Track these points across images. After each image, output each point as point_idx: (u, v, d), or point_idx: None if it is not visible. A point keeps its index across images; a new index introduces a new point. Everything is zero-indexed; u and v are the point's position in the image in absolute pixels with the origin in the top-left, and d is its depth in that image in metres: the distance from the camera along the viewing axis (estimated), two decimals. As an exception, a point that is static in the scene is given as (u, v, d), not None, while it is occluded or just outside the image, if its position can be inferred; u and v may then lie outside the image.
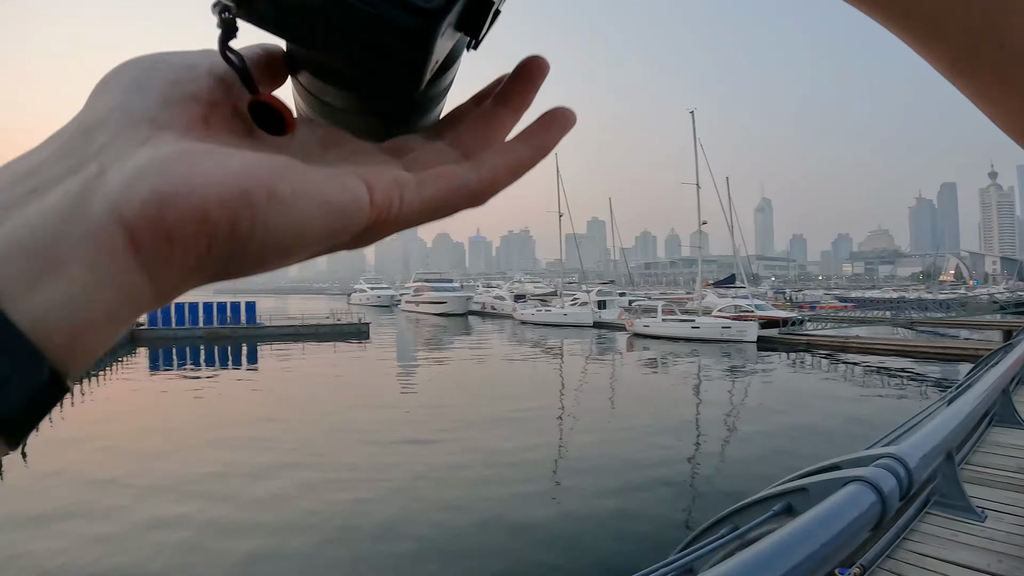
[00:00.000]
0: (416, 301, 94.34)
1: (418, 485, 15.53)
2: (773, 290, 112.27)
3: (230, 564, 11.20)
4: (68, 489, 15.30)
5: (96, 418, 24.07)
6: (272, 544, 12.10)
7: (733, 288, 68.81)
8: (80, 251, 0.28)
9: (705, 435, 20.78)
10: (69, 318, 0.28)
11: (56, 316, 0.28)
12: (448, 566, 11.08)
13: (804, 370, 36.40)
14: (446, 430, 20.96)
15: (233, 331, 52.62)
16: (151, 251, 0.29)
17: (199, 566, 11.22)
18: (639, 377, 34.81)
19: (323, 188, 0.33)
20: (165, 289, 0.31)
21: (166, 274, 0.30)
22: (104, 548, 11.88)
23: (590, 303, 70.22)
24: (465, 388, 29.89)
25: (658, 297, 78.77)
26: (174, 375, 36.41)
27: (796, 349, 44.25)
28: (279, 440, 20.18)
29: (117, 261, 0.29)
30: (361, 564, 11.23)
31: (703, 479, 16.04)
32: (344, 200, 0.33)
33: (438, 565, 11.11)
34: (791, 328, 49.45)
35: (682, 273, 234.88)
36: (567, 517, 13.30)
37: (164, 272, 0.30)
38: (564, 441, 20.22)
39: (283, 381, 33.37)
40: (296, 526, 12.87)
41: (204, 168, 0.30)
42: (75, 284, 0.28)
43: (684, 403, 26.19)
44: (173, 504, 14.27)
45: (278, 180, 0.31)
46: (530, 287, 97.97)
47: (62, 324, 0.28)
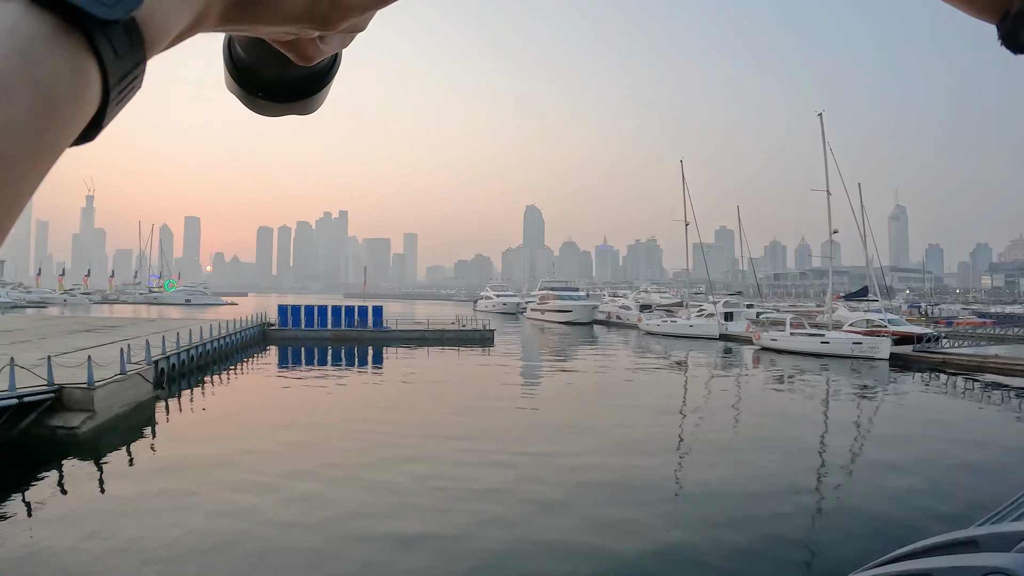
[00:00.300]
0: (541, 309, 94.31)
1: (521, 505, 14.65)
2: (907, 304, 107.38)
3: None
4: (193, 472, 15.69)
5: (230, 408, 25.25)
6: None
7: (865, 301, 65.87)
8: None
9: (829, 466, 19.18)
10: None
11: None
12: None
13: (938, 391, 34.31)
14: (560, 443, 20.33)
15: (360, 334, 53.57)
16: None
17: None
18: (764, 395, 32.92)
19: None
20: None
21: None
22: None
23: (716, 315, 69.11)
24: (585, 400, 28.79)
25: (787, 310, 77.06)
26: (302, 372, 37.42)
27: (930, 368, 42.05)
28: (394, 436, 20.38)
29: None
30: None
31: (824, 519, 14.71)
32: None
33: None
34: (926, 345, 47.03)
35: (812, 285, 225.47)
36: (678, 548, 12.64)
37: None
38: (682, 463, 19.04)
39: (406, 383, 33.30)
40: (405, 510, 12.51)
41: None
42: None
43: (810, 427, 24.22)
44: (299, 482, 15.71)
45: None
46: (656, 297, 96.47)
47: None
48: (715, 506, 14.75)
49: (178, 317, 70.46)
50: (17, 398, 19.34)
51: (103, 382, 22.33)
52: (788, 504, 15.14)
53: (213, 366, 36.87)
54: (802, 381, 36.66)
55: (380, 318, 56.49)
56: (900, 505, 15.20)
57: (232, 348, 43.08)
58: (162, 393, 27.16)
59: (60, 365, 22.52)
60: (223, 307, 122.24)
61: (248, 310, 66.54)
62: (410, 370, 38.56)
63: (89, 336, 39.51)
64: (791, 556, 12.67)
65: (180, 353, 32.94)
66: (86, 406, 21.22)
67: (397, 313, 76.03)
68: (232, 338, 43.63)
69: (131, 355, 26.69)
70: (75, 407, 21.13)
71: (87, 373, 21.78)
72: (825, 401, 30.29)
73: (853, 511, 14.97)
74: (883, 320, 51.00)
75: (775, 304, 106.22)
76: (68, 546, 12.49)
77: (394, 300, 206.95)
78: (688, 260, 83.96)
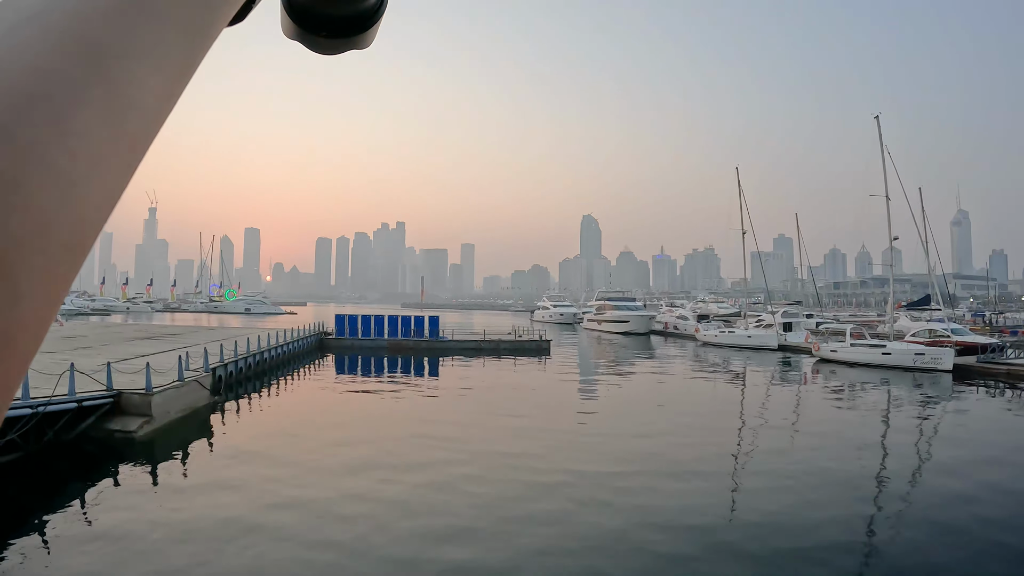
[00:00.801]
0: (598, 319, 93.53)
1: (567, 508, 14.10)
2: (971, 312, 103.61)
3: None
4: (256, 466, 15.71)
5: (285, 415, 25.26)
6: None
7: (928, 310, 63.97)
8: None
9: (889, 494, 17.77)
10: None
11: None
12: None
13: (1005, 406, 32.93)
14: (615, 463, 19.53)
15: (416, 343, 53.64)
16: None
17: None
18: (823, 411, 31.58)
19: None
20: None
21: None
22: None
23: (775, 325, 67.53)
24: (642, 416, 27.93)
25: (847, 319, 75.87)
26: (358, 381, 37.65)
27: (995, 380, 40.48)
28: (449, 452, 19.94)
29: None
30: None
31: (881, 557, 13.46)
32: None
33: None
34: (990, 356, 45.20)
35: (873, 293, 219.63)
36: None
37: None
38: (735, 489, 17.83)
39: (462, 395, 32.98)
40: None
41: None
42: None
43: (870, 449, 22.52)
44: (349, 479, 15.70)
45: None
46: (714, 307, 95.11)
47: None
48: (767, 538, 13.87)
49: (238, 326, 71.61)
50: (76, 402, 19.69)
51: (161, 388, 22.58)
52: (843, 538, 14.18)
53: (270, 374, 37.20)
54: (862, 397, 35.23)
55: (436, 328, 56.50)
56: (966, 539, 14.16)
57: (289, 356, 43.48)
58: (219, 399, 27.36)
59: (120, 371, 22.89)
60: (282, 316, 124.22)
61: (306, 319, 67.27)
62: (466, 380, 38.29)
63: (150, 343, 40.27)
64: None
65: (238, 361, 33.32)
66: (144, 411, 21.50)
67: (454, 323, 76.13)
68: (289, 346, 44.08)
69: (189, 362, 27.04)
70: (133, 411, 21.44)
71: (145, 379, 22.11)
72: (887, 419, 28.86)
73: (914, 546, 14.00)
74: (946, 330, 49.48)
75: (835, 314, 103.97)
76: (118, 545, 12.58)
77: (451, 310, 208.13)
78: (746, 269, 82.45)
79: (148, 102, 0.37)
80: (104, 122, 0.34)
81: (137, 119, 0.37)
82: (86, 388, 20.84)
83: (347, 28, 0.67)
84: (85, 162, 0.33)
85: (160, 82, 0.39)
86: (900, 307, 68.61)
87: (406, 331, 55.50)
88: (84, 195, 0.33)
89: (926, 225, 63.63)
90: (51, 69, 0.32)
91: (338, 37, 0.67)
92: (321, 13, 0.65)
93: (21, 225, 0.29)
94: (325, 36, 0.66)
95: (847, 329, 54.07)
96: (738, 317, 77.09)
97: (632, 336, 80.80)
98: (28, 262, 0.30)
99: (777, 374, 45.62)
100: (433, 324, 56.51)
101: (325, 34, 0.66)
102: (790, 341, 63.32)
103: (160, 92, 0.39)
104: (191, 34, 0.42)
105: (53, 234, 0.31)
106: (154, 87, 0.38)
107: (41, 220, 0.30)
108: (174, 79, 0.41)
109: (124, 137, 0.36)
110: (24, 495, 15.17)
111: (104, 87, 0.34)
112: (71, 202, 0.32)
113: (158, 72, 0.39)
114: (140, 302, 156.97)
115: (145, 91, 0.37)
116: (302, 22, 0.65)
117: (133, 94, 0.36)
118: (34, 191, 0.30)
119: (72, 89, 0.33)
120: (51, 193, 0.31)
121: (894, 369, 44.70)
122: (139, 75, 0.37)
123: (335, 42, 0.68)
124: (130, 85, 0.36)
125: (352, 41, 0.68)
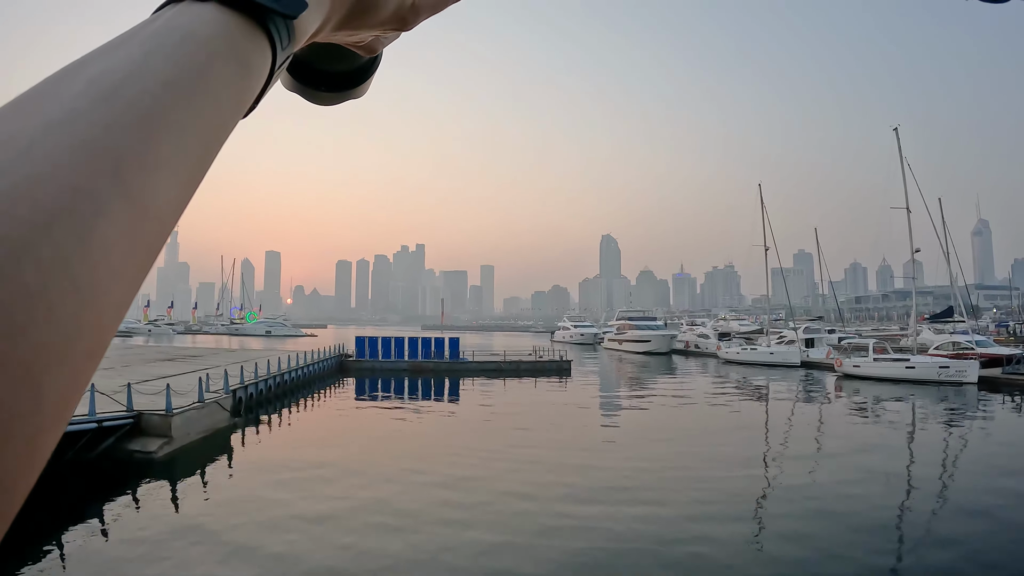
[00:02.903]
0: (619, 339, 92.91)
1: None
2: (995, 323, 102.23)
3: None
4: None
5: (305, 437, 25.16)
6: None
7: (951, 322, 62.72)
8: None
9: (917, 517, 16.90)
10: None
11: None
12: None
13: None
14: (641, 492, 18.74)
15: (436, 365, 53.39)
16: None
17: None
18: (847, 427, 30.86)
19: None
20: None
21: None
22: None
23: (797, 341, 66.98)
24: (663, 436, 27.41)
25: (869, 334, 75.02)
26: (378, 403, 37.52)
27: (1021, 391, 40.11)
28: (472, 474, 19.61)
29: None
30: None
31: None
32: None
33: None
34: (1015, 367, 44.76)
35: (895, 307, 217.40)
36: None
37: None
38: (761, 512, 17.01)
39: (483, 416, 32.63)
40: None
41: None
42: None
43: (895, 477, 21.36)
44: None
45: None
46: (735, 324, 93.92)
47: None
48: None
49: (258, 348, 71.83)
50: (96, 422, 19.66)
51: (181, 409, 22.54)
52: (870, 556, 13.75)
53: (290, 395, 37.08)
54: (887, 411, 34.64)
55: (456, 349, 56.15)
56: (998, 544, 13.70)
57: (310, 378, 43.39)
58: (239, 421, 27.28)
59: (140, 392, 22.93)
60: (302, 338, 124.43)
61: (327, 341, 67.27)
62: (487, 401, 38.00)
63: (171, 365, 40.34)
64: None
65: (258, 383, 33.24)
66: (163, 432, 21.45)
67: (474, 344, 75.84)
68: (310, 368, 43.99)
69: (210, 384, 26.99)
70: (153, 432, 21.40)
71: (166, 400, 22.11)
72: (912, 435, 28.22)
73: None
74: (970, 342, 49.00)
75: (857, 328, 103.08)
76: (136, 562, 12.55)
77: (471, 332, 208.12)
78: (767, 285, 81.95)
79: (165, 210, 0.39)
80: (124, 234, 0.35)
81: (154, 227, 0.38)
82: (106, 408, 20.82)
83: (344, 82, 0.72)
84: (105, 273, 0.34)
85: (176, 189, 0.40)
86: (923, 320, 68.21)
87: (426, 353, 55.18)
88: (104, 303, 0.34)
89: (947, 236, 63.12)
90: (75, 184, 0.33)
91: (336, 91, 0.72)
92: (320, 69, 0.70)
93: (44, 336, 0.30)
94: (324, 90, 0.71)
95: (869, 344, 53.52)
96: (760, 334, 76.27)
97: (654, 355, 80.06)
98: (51, 371, 0.31)
99: (800, 392, 44.96)
100: (453, 345, 56.11)
101: (324, 88, 0.71)
102: (812, 357, 62.70)
103: (176, 198, 0.40)
104: (207, 141, 0.43)
105: (75, 343, 0.32)
106: (171, 194, 0.40)
107: (63, 330, 0.31)
108: (189, 184, 0.42)
109: (142, 246, 0.37)
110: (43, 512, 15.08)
111: (125, 200, 0.35)
112: (92, 311, 0.33)
113: (175, 180, 0.40)
114: (162, 324, 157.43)
115: (162, 200, 0.38)
116: (302, 78, 0.70)
117: (151, 204, 0.37)
118: (56, 303, 0.31)
119: (95, 203, 0.34)
120: (73, 304, 0.32)
121: (919, 383, 44.06)
122: (158, 185, 0.38)
123: (333, 95, 0.72)
124: (149, 196, 0.37)
125: (349, 93, 0.73)
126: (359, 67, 0.72)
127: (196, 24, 0.45)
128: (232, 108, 0.45)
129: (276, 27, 0.49)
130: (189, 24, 0.44)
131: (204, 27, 0.45)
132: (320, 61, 0.69)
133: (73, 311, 0.32)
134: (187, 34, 0.44)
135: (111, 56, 0.41)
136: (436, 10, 0.67)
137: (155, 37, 0.43)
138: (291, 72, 0.69)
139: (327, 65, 0.69)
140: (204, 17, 0.45)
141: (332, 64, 0.70)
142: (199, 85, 0.42)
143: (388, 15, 0.61)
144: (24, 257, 0.30)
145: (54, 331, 0.31)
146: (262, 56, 0.48)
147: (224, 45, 0.45)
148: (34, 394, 0.29)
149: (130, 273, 0.36)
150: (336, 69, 0.71)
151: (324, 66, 0.69)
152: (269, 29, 0.49)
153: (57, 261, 0.31)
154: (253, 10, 0.48)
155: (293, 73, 0.69)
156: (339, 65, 0.71)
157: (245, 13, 0.48)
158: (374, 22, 0.61)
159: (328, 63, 0.70)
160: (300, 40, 0.53)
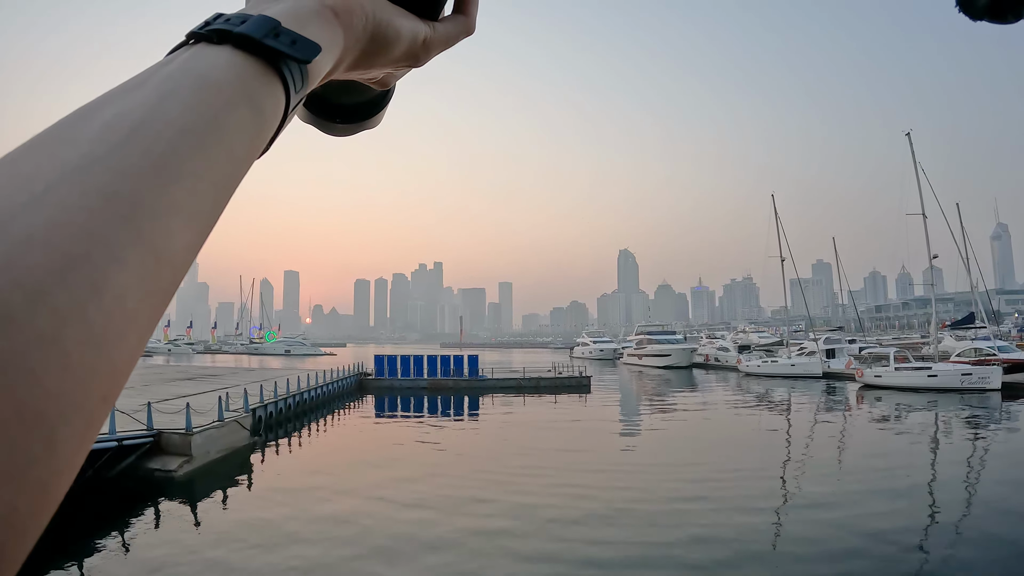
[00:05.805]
0: (639, 354, 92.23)
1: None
2: (1016, 328, 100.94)
3: None
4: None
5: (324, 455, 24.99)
6: None
7: (972, 329, 61.87)
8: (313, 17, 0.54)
9: (941, 531, 16.29)
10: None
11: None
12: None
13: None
14: (654, 501, 18.75)
15: (456, 383, 53.23)
16: (343, 16, 0.56)
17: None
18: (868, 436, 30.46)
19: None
20: (350, 41, 0.58)
21: (350, 31, 0.57)
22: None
23: (818, 352, 66.27)
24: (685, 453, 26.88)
25: (890, 343, 74.28)
26: (398, 421, 37.41)
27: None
28: (498, 496, 19.28)
29: (331, 21, 0.55)
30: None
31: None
32: (416, 28, 0.64)
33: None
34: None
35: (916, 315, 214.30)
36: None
37: (348, 28, 0.57)
38: (780, 531, 16.40)
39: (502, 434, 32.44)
40: None
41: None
42: (317, 32, 0.54)
43: (917, 490, 20.72)
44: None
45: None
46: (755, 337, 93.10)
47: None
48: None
49: (278, 367, 71.90)
50: (117, 441, 19.70)
51: (201, 428, 22.51)
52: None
53: (310, 414, 37.06)
54: (909, 421, 34.17)
55: (476, 367, 55.98)
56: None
57: (329, 397, 43.36)
58: (259, 440, 27.21)
59: (160, 411, 22.91)
60: (322, 357, 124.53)
61: (346, 360, 67.31)
62: (507, 419, 37.76)
63: (190, 384, 40.48)
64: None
65: (278, 401, 33.30)
66: (183, 451, 21.43)
67: (493, 361, 75.59)
68: (329, 387, 43.98)
69: (229, 403, 27.00)
70: (173, 451, 21.39)
71: (186, 419, 22.10)
72: (935, 446, 27.68)
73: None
74: (992, 348, 48.66)
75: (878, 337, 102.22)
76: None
77: (490, 349, 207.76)
78: (786, 297, 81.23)
79: (178, 256, 0.39)
80: (138, 281, 0.35)
81: (168, 273, 0.38)
82: (127, 427, 20.93)
83: (358, 114, 0.73)
84: (120, 319, 0.34)
85: (190, 235, 0.40)
86: (944, 327, 67.28)
87: (445, 371, 55.05)
88: (118, 349, 0.34)
89: (966, 241, 62.51)
90: (91, 230, 0.34)
91: (350, 122, 0.73)
92: (335, 103, 0.71)
93: (59, 383, 0.30)
94: (339, 122, 0.73)
95: (890, 353, 53.11)
96: (780, 346, 75.64)
97: (674, 370, 79.47)
98: (66, 416, 0.31)
99: (821, 403, 44.34)
100: (472, 363, 56.01)
101: (339, 120, 0.72)
102: (833, 368, 62.16)
103: (190, 243, 0.40)
104: (221, 186, 0.44)
105: (89, 389, 0.32)
106: (184, 240, 0.40)
107: (78, 377, 0.31)
108: (203, 229, 0.42)
109: (156, 292, 0.37)
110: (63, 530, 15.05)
111: (140, 248, 0.36)
112: (106, 357, 0.33)
113: (189, 225, 0.40)
114: (182, 344, 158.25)
115: (176, 246, 0.39)
116: (317, 111, 0.71)
117: (165, 250, 0.38)
118: (71, 350, 0.31)
119: (110, 251, 0.34)
120: (88, 351, 0.32)
121: (941, 391, 43.58)
122: (172, 231, 0.38)
123: (348, 127, 0.74)
124: (163, 242, 0.37)
125: (363, 124, 0.75)
126: (373, 99, 0.74)
127: (211, 69, 0.45)
128: (246, 153, 0.46)
129: (290, 71, 0.50)
130: (204, 69, 0.45)
131: (219, 72, 0.46)
132: (334, 95, 0.70)
133: (88, 358, 0.32)
134: (202, 79, 0.44)
135: (127, 99, 0.41)
136: (447, 46, 0.69)
137: (170, 80, 0.43)
138: (306, 105, 0.70)
139: (341, 98, 0.71)
140: (219, 62, 0.46)
141: (346, 97, 0.72)
142: (214, 132, 0.42)
143: (400, 54, 0.63)
144: (39, 304, 0.30)
145: (69, 378, 0.31)
146: (276, 100, 0.49)
147: (239, 91, 0.46)
148: (48, 440, 0.30)
149: (144, 319, 0.36)
150: (350, 102, 0.72)
151: (338, 99, 0.71)
152: (283, 72, 0.50)
153: (72, 308, 0.32)
154: (267, 54, 0.49)
155: (308, 106, 0.71)
156: (353, 98, 0.72)
157: (259, 57, 0.49)
158: (387, 61, 0.63)
159: (342, 96, 0.71)
160: (314, 82, 0.55)
